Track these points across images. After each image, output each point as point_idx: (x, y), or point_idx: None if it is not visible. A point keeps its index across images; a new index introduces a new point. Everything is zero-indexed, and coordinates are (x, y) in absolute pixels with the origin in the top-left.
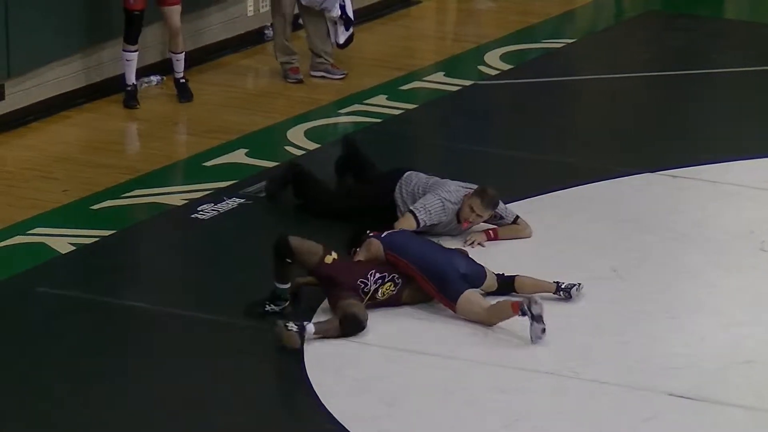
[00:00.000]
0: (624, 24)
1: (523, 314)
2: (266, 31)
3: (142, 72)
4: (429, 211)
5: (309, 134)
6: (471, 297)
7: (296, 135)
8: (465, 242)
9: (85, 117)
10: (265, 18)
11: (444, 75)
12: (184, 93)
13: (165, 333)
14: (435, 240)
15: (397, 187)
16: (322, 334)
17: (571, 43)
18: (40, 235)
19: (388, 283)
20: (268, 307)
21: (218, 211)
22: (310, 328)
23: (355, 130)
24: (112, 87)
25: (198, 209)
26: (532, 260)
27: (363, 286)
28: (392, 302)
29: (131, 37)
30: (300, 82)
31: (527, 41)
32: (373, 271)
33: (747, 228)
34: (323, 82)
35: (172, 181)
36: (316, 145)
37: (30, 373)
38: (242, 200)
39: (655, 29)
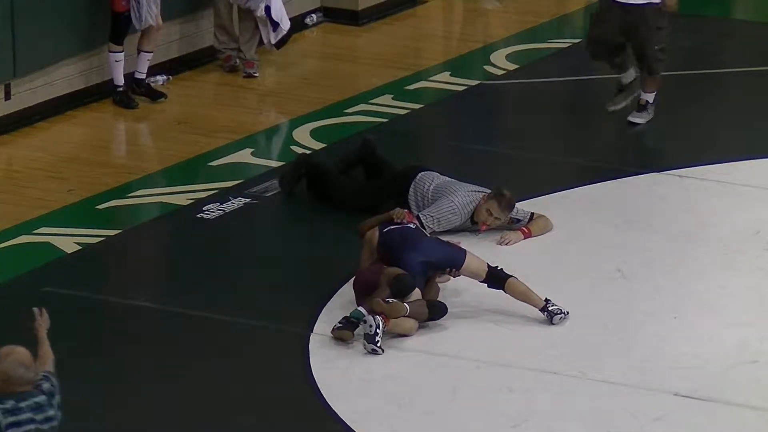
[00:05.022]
0: None
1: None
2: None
3: (149, 72)
4: (438, 220)
5: (315, 134)
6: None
7: (302, 134)
8: (500, 241)
9: (91, 117)
10: None
11: (450, 75)
12: (156, 93)
13: (170, 333)
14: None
15: (411, 187)
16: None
17: (577, 43)
18: (45, 235)
19: None
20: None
21: (224, 210)
22: (361, 309)
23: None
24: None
25: (204, 209)
26: (537, 260)
27: None
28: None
29: (118, 38)
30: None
31: (533, 41)
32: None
33: (754, 228)
34: (330, 83)
35: (177, 181)
36: (322, 145)
37: None
38: (248, 200)
39: None
